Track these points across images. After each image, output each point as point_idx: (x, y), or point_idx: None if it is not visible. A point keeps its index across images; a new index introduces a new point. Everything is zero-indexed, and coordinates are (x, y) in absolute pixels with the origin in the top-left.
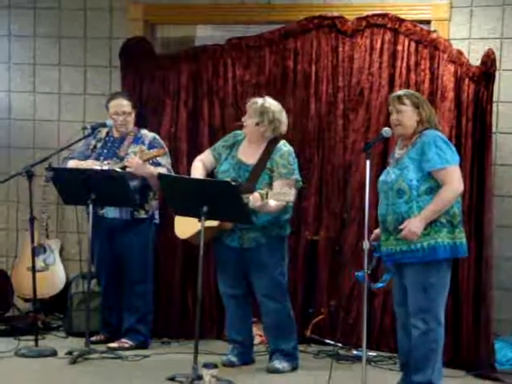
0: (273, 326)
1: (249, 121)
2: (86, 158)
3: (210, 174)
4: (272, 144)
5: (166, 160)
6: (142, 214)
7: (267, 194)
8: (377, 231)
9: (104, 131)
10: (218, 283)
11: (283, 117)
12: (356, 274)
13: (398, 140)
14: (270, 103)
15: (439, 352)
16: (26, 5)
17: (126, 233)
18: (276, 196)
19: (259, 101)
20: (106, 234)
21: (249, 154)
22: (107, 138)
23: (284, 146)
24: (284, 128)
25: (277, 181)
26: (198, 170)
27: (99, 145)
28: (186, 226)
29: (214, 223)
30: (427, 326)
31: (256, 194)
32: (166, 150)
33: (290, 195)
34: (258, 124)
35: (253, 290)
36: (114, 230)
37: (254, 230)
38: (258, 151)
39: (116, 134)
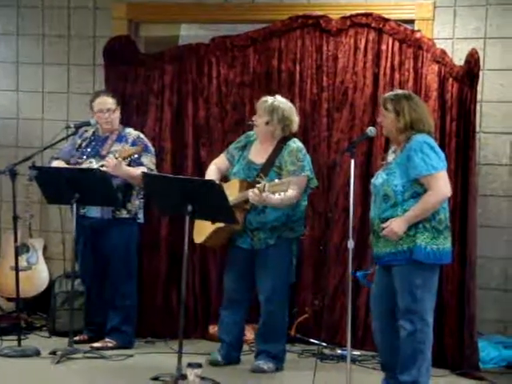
0: (266, 327)
1: (259, 120)
2: (72, 156)
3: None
4: (282, 142)
5: (148, 159)
6: (124, 214)
7: (265, 187)
8: None
9: (91, 130)
10: (224, 284)
11: (294, 115)
12: (356, 273)
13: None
14: (280, 101)
15: (427, 352)
16: (9, 3)
17: (108, 232)
18: (273, 187)
19: (269, 99)
20: (89, 233)
21: (259, 154)
22: (92, 137)
23: (293, 142)
24: (295, 126)
25: (286, 178)
26: (212, 174)
27: (84, 144)
28: (199, 231)
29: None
30: (414, 326)
31: (254, 189)
32: (151, 148)
33: (288, 186)
34: (267, 123)
35: (256, 295)
36: (96, 229)
37: (264, 230)
38: (267, 150)
39: (101, 133)
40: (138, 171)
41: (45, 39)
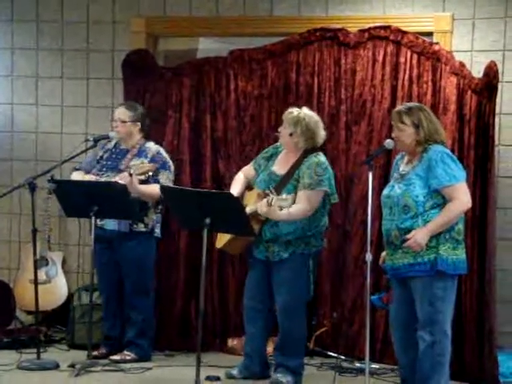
0: (284, 341)
1: (283, 131)
2: (93, 168)
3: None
4: (304, 155)
5: (165, 177)
6: (141, 228)
7: (272, 200)
8: (383, 254)
9: (113, 142)
10: (244, 294)
11: (319, 128)
12: (371, 298)
13: (399, 154)
14: (305, 114)
15: (445, 365)
16: (28, 18)
17: (125, 245)
18: (277, 202)
19: (294, 111)
20: (106, 245)
21: (282, 165)
22: (114, 149)
23: (315, 156)
24: (320, 140)
25: (300, 191)
26: (238, 182)
27: (105, 156)
28: (221, 236)
29: None
30: (433, 338)
31: (263, 201)
32: (169, 164)
33: (292, 202)
34: (291, 134)
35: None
36: (113, 242)
37: (278, 243)
38: (290, 162)
39: (123, 146)
40: (148, 189)
41: (64, 53)
